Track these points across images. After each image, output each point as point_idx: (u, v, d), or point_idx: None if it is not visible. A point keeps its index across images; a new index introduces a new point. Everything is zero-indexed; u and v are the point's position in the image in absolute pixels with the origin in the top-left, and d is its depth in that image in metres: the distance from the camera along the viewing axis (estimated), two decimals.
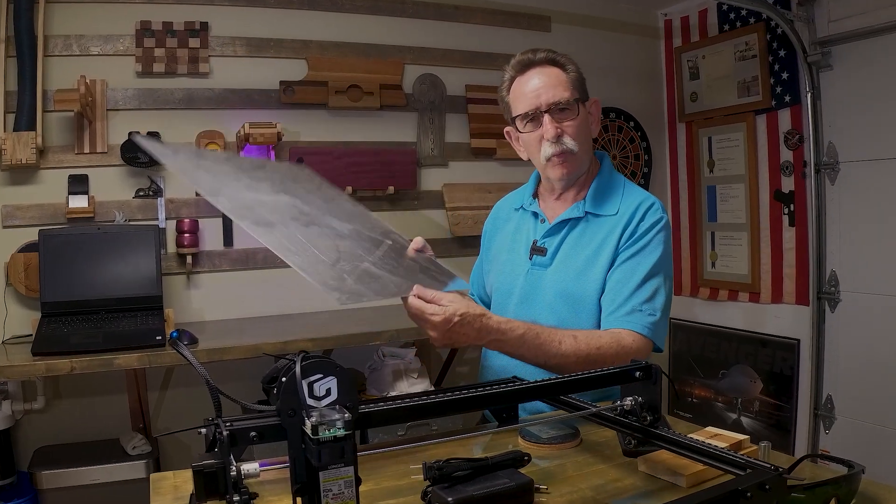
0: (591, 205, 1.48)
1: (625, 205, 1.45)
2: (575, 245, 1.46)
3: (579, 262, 1.44)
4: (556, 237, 1.49)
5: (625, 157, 3.41)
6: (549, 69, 1.45)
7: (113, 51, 2.50)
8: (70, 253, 2.23)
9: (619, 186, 1.50)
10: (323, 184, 1.43)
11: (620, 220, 1.43)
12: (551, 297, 1.45)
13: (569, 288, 1.43)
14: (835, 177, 2.78)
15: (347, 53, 2.84)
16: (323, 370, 0.83)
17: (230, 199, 1.12)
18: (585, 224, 1.47)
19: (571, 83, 1.45)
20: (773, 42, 2.95)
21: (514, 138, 1.54)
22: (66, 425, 2.40)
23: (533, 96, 1.43)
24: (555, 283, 1.45)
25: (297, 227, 1.15)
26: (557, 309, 1.44)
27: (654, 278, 1.40)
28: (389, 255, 1.33)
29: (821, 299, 2.83)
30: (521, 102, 1.45)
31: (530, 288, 1.49)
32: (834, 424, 2.80)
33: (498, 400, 1.10)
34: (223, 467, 0.81)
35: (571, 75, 1.46)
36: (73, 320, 2.14)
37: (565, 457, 1.13)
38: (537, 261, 1.49)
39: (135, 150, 2.46)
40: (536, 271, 1.49)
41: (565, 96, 1.42)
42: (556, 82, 1.43)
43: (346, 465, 0.77)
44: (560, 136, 1.42)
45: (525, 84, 1.45)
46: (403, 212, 2.93)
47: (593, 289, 1.42)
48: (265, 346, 2.12)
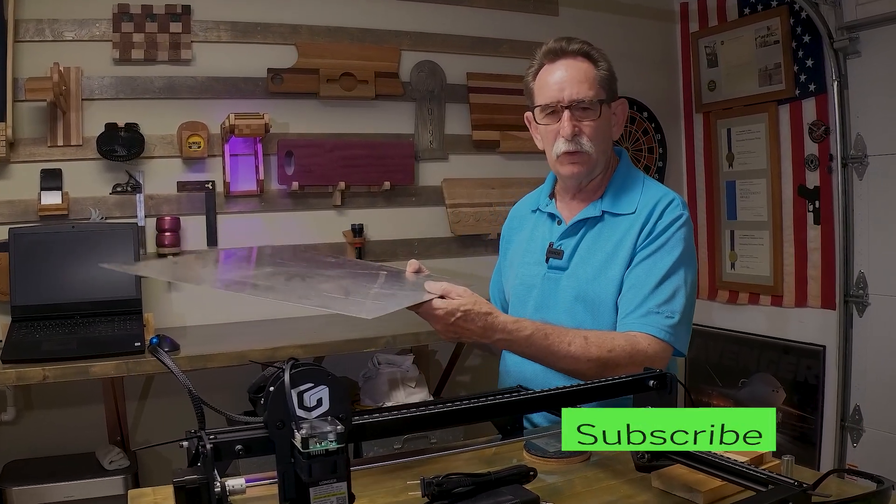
0: (609, 203, 1.49)
1: (643, 202, 1.46)
2: (592, 246, 1.48)
3: (596, 264, 1.45)
4: (573, 238, 1.50)
5: (638, 150, 3.41)
6: (580, 62, 1.46)
7: (88, 36, 2.50)
8: (42, 253, 2.23)
9: (639, 183, 1.51)
10: (296, 252, 1.65)
11: (638, 219, 1.45)
12: (569, 302, 1.47)
13: (586, 290, 1.45)
14: (863, 171, 2.78)
15: (340, 39, 2.84)
16: (314, 379, 0.83)
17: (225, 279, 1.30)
18: (603, 224, 1.49)
19: (599, 81, 1.46)
20: (796, 27, 2.95)
21: (532, 125, 1.55)
22: (39, 438, 2.40)
23: (557, 89, 1.44)
24: (572, 287, 1.47)
25: (298, 282, 1.29)
26: (576, 313, 1.46)
27: (672, 278, 1.41)
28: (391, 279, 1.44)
29: (848, 303, 2.83)
30: (544, 93, 1.47)
31: (547, 292, 1.51)
32: (862, 437, 2.80)
33: (501, 411, 1.10)
34: (207, 483, 0.81)
35: (602, 73, 1.47)
36: (46, 325, 2.14)
37: (574, 472, 1.13)
38: (554, 264, 1.51)
39: (112, 143, 2.46)
40: (553, 275, 1.50)
41: (589, 95, 1.44)
42: (584, 78, 1.44)
43: (338, 481, 0.78)
44: (577, 134, 1.44)
45: (551, 74, 1.47)
46: (400, 209, 2.93)
47: (611, 290, 1.43)
48: (252, 353, 2.12)
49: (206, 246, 2.64)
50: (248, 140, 2.62)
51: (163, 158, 2.59)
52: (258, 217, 2.72)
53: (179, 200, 2.60)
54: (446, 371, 2.87)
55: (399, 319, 1.33)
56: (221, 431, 0.86)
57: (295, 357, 0.86)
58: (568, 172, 1.48)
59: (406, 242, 2.93)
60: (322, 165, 2.75)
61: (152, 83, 2.58)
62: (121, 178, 2.53)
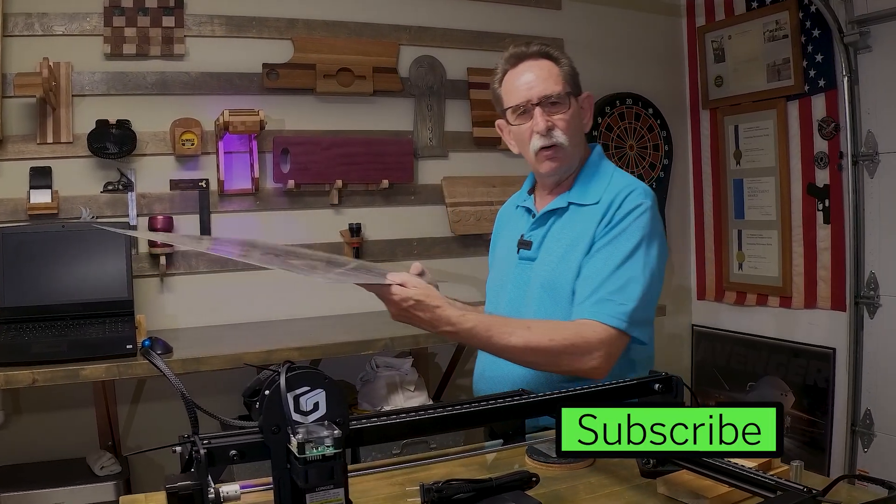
0: (576, 194, 1.56)
1: (608, 193, 1.53)
2: (557, 236, 1.56)
3: (560, 252, 1.53)
4: (542, 229, 1.58)
5: (643, 147, 3.41)
6: (542, 62, 1.55)
7: (79, 30, 2.50)
8: (31, 253, 2.23)
9: (607, 175, 1.57)
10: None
11: (601, 208, 1.51)
12: (537, 291, 1.54)
13: (550, 279, 1.52)
14: (874, 169, 2.78)
15: (337, 33, 2.84)
16: (310, 382, 0.83)
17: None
18: (569, 214, 1.56)
19: (564, 77, 1.54)
20: (805, 20, 2.95)
21: (505, 131, 1.64)
22: (28, 443, 2.40)
23: (525, 89, 1.53)
24: (539, 276, 1.55)
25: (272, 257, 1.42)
26: (543, 302, 1.52)
27: (628, 265, 1.45)
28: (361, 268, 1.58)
29: (858, 304, 2.83)
30: (513, 95, 1.56)
31: (519, 283, 1.59)
32: (873, 442, 2.80)
33: (503, 415, 1.11)
34: (200, 489, 0.81)
35: (564, 69, 1.55)
36: (35, 327, 2.13)
37: (577, 478, 1.13)
38: (524, 255, 1.60)
39: (103, 140, 2.46)
40: (524, 265, 1.59)
41: (556, 90, 1.52)
42: (548, 75, 1.53)
43: (335, 487, 0.78)
44: (551, 129, 1.51)
45: (517, 77, 1.55)
46: (399, 208, 2.93)
47: (570, 278, 1.50)
48: (246, 355, 2.12)
49: None
50: (243, 137, 2.62)
51: (155, 156, 2.59)
52: (253, 216, 2.72)
53: (172, 199, 2.60)
54: (446, 374, 2.87)
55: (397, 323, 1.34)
56: (215, 436, 0.86)
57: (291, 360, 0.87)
58: (546, 169, 1.55)
59: (405, 242, 2.93)
60: (319, 163, 2.75)
61: (144, 79, 2.58)
62: (112, 177, 2.53)
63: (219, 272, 2.66)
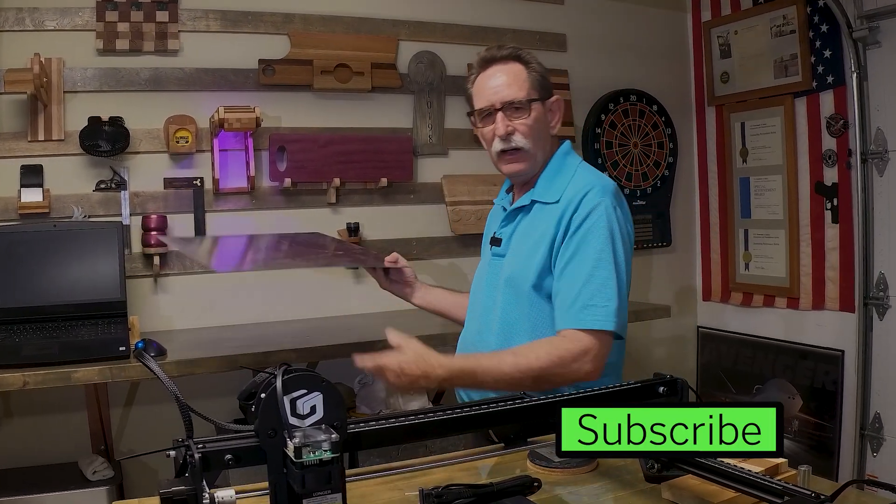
0: (538, 192, 1.64)
1: (568, 192, 1.59)
2: (523, 233, 1.65)
3: (525, 251, 1.61)
4: (511, 226, 1.69)
5: (647, 145, 3.41)
6: (511, 65, 1.63)
7: (71, 25, 2.50)
8: (22, 253, 2.22)
9: (570, 171, 1.64)
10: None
11: (559, 209, 1.57)
12: (503, 285, 1.64)
13: (514, 275, 1.61)
14: (883, 167, 2.78)
15: (335, 28, 2.84)
16: (307, 385, 0.83)
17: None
18: (533, 212, 1.65)
19: (531, 82, 1.62)
20: (813, 15, 2.95)
21: (477, 130, 1.72)
22: (18, 447, 2.40)
23: (490, 93, 1.62)
24: (506, 272, 1.64)
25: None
26: (507, 297, 1.62)
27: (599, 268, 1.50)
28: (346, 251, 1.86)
29: (868, 305, 2.83)
30: (480, 98, 1.65)
31: (491, 279, 1.69)
32: (882, 446, 2.80)
33: (504, 419, 1.11)
34: (195, 494, 0.81)
35: (533, 74, 1.63)
36: (26, 329, 2.13)
37: (580, 482, 1.13)
38: (495, 251, 1.71)
39: (95, 138, 2.46)
40: (496, 262, 1.70)
41: (520, 95, 1.60)
42: (514, 80, 1.61)
43: (332, 492, 0.78)
44: (511, 133, 1.60)
45: (486, 80, 1.64)
46: (398, 206, 2.93)
47: (531, 276, 1.57)
48: (242, 358, 2.12)
49: None
50: (239, 134, 2.62)
51: (149, 154, 2.58)
52: (249, 215, 2.72)
53: (166, 198, 2.60)
54: None
55: (397, 323, 1.34)
56: (210, 440, 0.86)
57: (287, 362, 0.87)
58: (507, 171, 1.66)
59: (404, 242, 2.93)
60: (316, 161, 2.75)
61: (138, 75, 2.58)
62: (105, 175, 2.53)
63: (213, 272, 2.66)
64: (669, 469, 1.06)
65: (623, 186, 3.34)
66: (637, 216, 3.38)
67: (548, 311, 1.56)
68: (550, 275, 1.56)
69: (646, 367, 3.36)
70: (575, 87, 3.24)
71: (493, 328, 1.64)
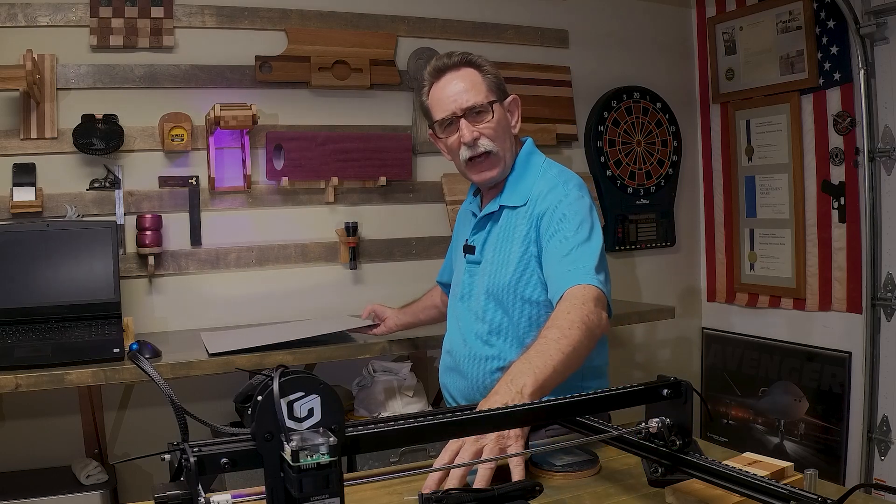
0: (506, 197, 1.65)
1: (534, 193, 1.60)
2: (496, 241, 1.66)
3: (500, 260, 1.63)
4: (482, 233, 1.69)
5: (650, 143, 3.41)
6: (465, 71, 1.65)
7: (64, 21, 2.50)
8: (14, 253, 2.22)
9: (535, 172, 1.65)
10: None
11: (529, 211, 1.59)
12: (482, 297, 1.64)
13: (492, 286, 1.62)
14: (891, 165, 2.78)
15: (332, 24, 2.84)
16: (305, 387, 0.83)
17: None
18: (502, 218, 1.66)
19: (487, 85, 1.64)
20: (820, 11, 2.95)
21: (438, 142, 1.73)
22: (11, 451, 2.40)
23: (449, 102, 1.63)
24: (483, 283, 1.65)
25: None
26: (487, 308, 1.63)
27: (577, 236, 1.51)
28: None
29: (875, 306, 2.83)
30: (439, 109, 1.66)
31: (468, 286, 1.70)
32: (890, 450, 2.80)
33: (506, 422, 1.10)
34: (190, 499, 0.81)
35: (488, 77, 1.65)
36: (18, 330, 2.13)
37: (582, 487, 1.13)
38: (469, 259, 1.72)
39: (89, 135, 2.46)
40: (471, 269, 1.71)
41: (479, 100, 1.62)
42: (471, 86, 1.63)
43: (331, 497, 0.77)
44: (477, 139, 1.61)
45: (442, 90, 1.65)
46: (397, 206, 2.93)
47: (509, 284, 1.59)
48: (238, 359, 2.12)
49: (190, 245, 2.64)
50: (235, 132, 2.62)
51: (143, 152, 2.59)
52: (245, 214, 2.72)
53: (161, 197, 2.60)
54: None
55: None
56: (206, 443, 0.86)
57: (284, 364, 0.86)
58: (479, 179, 1.66)
59: (403, 242, 2.93)
60: (313, 159, 2.75)
61: (132, 72, 2.58)
62: (98, 173, 2.53)
63: (209, 273, 2.66)
64: (673, 473, 1.06)
65: (626, 185, 3.34)
66: (640, 215, 3.39)
67: (530, 314, 1.58)
68: (528, 279, 1.57)
69: (649, 370, 3.37)
70: (577, 84, 3.24)
71: (477, 336, 1.64)
